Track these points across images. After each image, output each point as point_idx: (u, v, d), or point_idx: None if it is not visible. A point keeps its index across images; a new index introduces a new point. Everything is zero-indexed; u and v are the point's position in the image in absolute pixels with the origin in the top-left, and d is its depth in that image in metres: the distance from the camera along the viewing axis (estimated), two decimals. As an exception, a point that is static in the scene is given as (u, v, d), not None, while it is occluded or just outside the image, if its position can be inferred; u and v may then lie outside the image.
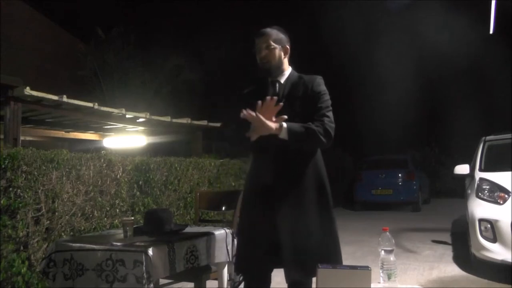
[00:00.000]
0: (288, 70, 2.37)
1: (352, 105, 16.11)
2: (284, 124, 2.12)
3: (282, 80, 2.33)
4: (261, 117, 2.07)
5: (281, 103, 2.13)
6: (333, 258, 2.19)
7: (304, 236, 2.14)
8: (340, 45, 14.08)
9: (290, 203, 2.17)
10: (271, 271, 2.27)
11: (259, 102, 2.11)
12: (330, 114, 2.24)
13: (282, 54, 2.33)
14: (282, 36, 2.35)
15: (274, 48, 2.29)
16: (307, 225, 2.16)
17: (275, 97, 2.13)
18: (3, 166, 3.18)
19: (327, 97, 2.29)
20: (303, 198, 2.19)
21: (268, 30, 2.33)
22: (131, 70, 11.23)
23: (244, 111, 2.10)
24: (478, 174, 4.94)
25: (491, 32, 9.54)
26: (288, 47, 2.36)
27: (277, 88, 2.32)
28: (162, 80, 11.79)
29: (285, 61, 2.36)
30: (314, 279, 2.03)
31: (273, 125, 2.10)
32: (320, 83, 2.31)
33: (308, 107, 2.23)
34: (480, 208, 4.45)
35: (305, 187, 2.20)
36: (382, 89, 15.42)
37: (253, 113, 2.07)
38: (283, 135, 2.12)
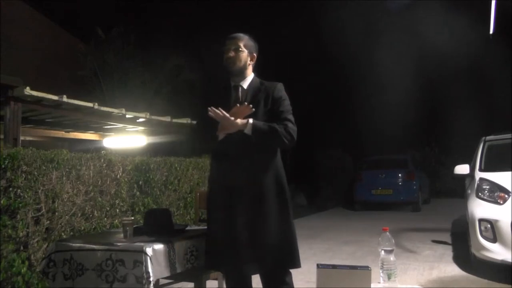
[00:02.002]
0: (250, 76, 2.48)
1: (352, 105, 16.11)
2: (250, 120, 2.25)
3: (245, 86, 2.45)
4: (228, 116, 2.20)
5: (253, 109, 2.24)
6: (289, 257, 2.28)
7: (262, 235, 2.23)
8: (340, 45, 14.07)
9: (249, 203, 2.26)
10: (242, 267, 2.30)
11: (238, 105, 2.24)
12: (292, 117, 2.36)
13: (249, 59, 2.44)
14: (252, 43, 2.47)
15: (242, 52, 2.41)
16: (265, 225, 2.25)
17: (250, 106, 2.23)
18: (3, 166, 3.18)
19: (287, 102, 2.41)
20: (262, 200, 2.28)
21: (241, 34, 2.45)
22: (131, 70, 11.22)
23: (212, 109, 2.20)
24: (478, 174, 4.94)
25: (491, 32, 9.53)
26: (255, 55, 2.48)
27: (240, 92, 2.43)
28: (162, 80, 11.78)
29: (250, 68, 2.47)
30: (314, 280, 2.03)
31: (239, 121, 2.23)
32: (280, 89, 2.43)
33: (269, 112, 2.35)
34: (480, 208, 4.45)
35: (264, 189, 2.29)
36: (382, 89, 15.41)
37: (221, 113, 2.19)
38: (248, 130, 2.24)
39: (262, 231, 2.24)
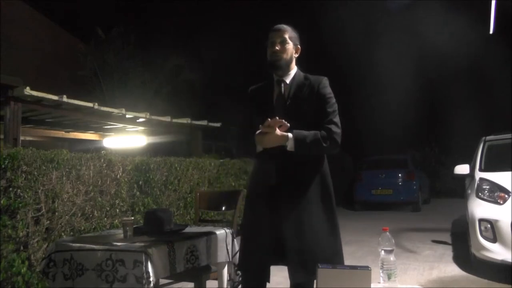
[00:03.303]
0: (294, 70, 2.36)
1: (352, 105, 16.11)
2: (290, 135, 2.13)
3: (288, 80, 2.32)
4: (272, 124, 2.10)
5: (288, 124, 2.13)
6: (335, 261, 2.18)
7: (309, 238, 2.14)
8: (340, 45, 14.07)
9: (295, 205, 2.16)
10: (269, 271, 2.26)
11: (268, 119, 2.12)
12: (337, 119, 2.24)
13: (294, 52, 2.33)
14: (296, 35, 2.35)
15: (288, 44, 2.29)
16: (311, 227, 2.15)
17: (282, 121, 2.12)
18: (3, 166, 3.18)
19: (333, 100, 2.28)
20: (308, 201, 2.18)
21: (285, 26, 2.32)
22: (131, 70, 11.24)
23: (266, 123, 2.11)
24: (478, 174, 4.93)
25: (491, 32, 9.54)
26: (299, 46, 2.36)
27: (283, 87, 2.30)
28: (162, 80, 11.80)
29: (294, 61, 2.36)
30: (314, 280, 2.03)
31: (279, 133, 2.13)
32: (326, 84, 2.30)
33: (314, 108, 2.23)
34: (480, 208, 4.45)
35: (310, 190, 2.20)
36: (382, 89, 15.41)
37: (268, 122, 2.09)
38: (290, 147, 2.14)
39: (308, 238, 2.13)
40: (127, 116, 6.75)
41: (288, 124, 2.13)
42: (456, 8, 12.52)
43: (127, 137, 8.41)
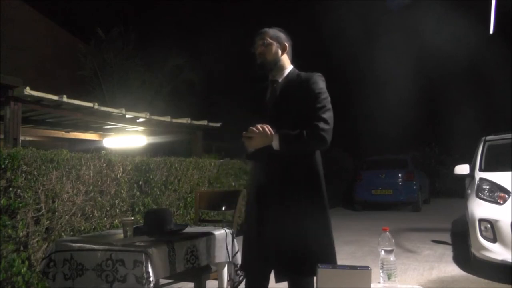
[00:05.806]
0: (288, 69, 2.37)
1: (352, 105, 16.13)
2: (275, 138, 2.14)
3: (281, 79, 2.35)
4: (261, 130, 2.12)
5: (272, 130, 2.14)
6: (328, 259, 2.17)
7: (298, 238, 2.13)
8: (340, 45, 14.08)
9: (282, 205, 2.17)
10: (269, 271, 2.27)
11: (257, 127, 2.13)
12: (327, 114, 2.18)
13: (280, 50, 2.35)
14: (280, 34, 2.38)
15: (270, 44, 2.33)
16: (300, 227, 2.15)
17: (265, 128, 2.13)
18: (3, 166, 3.18)
19: (323, 95, 2.22)
20: (296, 200, 2.18)
21: (266, 29, 2.38)
22: (131, 70, 11.24)
23: (250, 130, 2.14)
24: (478, 174, 4.93)
25: (491, 32, 9.54)
26: (286, 44, 2.37)
27: (275, 87, 2.34)
28: (162, 80, 11.80)
29: (284, 59, 2.36)
30: (314, 280, 2.03)
31: (264, 134, 2.14)
32: (316, 80, 2.26)
33: (304, 106, 2.21)
34: (480, 208, 4.45)
35: (299, 189, 2.19)
36: (382, 89, 15.42)
37: (259, 130, 2.11)
38: (276, 145, 2.15)
39: (293, 239, 2.12)
40: (127, 116, 6.75)
41: (273, 130, 2.14)
42: (456, 8, 12.52)
43: (127, 137, 8.41)
